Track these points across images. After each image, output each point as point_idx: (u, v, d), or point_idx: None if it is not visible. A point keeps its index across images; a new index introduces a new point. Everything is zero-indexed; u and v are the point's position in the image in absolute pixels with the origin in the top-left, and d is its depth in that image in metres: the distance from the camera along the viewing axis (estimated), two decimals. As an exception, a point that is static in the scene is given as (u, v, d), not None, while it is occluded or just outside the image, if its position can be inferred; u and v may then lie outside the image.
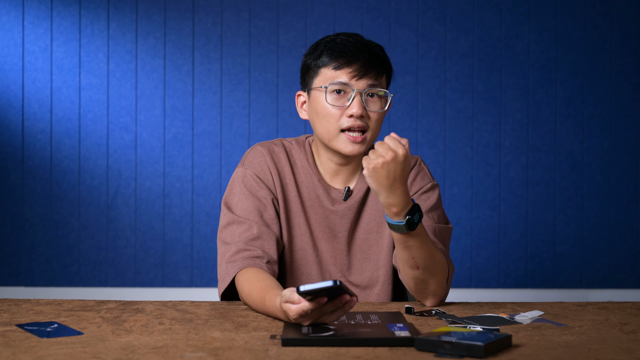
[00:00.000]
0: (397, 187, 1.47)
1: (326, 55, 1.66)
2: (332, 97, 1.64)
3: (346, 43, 1.65)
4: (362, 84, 1.64)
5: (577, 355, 1.17)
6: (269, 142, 1.77)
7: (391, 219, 1.50)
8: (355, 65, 1.64)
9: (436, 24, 3.64)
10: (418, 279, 1.56)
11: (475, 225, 3.63)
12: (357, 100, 1.63)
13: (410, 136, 3.63)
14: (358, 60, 1.64)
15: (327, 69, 1.65)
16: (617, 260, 3.65)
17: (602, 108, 3.65)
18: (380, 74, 1.67)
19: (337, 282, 1.24)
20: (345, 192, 1.72)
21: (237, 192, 1.70)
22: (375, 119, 1.65)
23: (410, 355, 1.17)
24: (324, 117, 1.65)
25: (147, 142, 3.62)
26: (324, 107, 1.65)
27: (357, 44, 1.66)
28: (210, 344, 1.23)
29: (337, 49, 1.65)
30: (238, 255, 1.61)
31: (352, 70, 1.63)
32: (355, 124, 1.63)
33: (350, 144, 1.65)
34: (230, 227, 1.66)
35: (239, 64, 3.64)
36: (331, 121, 1.65)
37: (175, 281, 3.62)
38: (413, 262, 1.53)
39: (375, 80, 1.65)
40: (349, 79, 1.64)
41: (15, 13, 3.59)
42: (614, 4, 3.64)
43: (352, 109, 1.63)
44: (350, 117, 1.63)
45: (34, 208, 3.60)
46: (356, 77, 1.63)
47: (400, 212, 1.48)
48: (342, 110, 1.64)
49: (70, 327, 1.35)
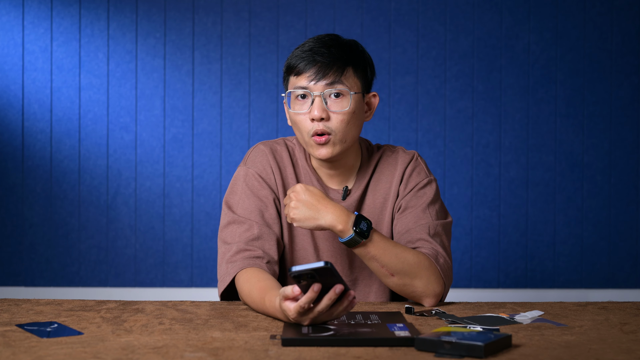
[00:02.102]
0: (322, 207, 1.52)
1: (290, 62, 1.66)
2: (297, 103, 1.64)
3: (309, 47, 1.64)
4: (320, 86, 1.62)
5: (577, 355, 1.17)
6: (272, 141, 1.77)
7: (342, 237, 1.53)
8: (313, 69, 1.62)
9: (436, 24, 3.64)
10: (399, 284, 1.56)
11: (475, 225, 3.63)
12: (315, 103, 1.61)
13: (410, 136, 3.63)
14: (315, 62, 1.62)
15: (291, 77, 1.66)
16: (617, 260, 3.65)
17: (602, 108, 3.65)
18: (341, 70, 1.63)
19: (327, 263, 1.24)
20: (343, 192, 1.72)
21: (238, 192, 1.70)
22: (339, 119, 1.62)
23: (410, 355, 1.17)
24: (294, 125, 1.66)
25: (147, 142, 3.62)
26: (292, 115, 1.66)
27: (317, 47, 1.64)
28: (210, 344, 1.23)
29: (299, 54, 1.64)
30: (238, 256, 1.61)
31: (310, 74, 1.62)
32: (318, 128, 1.62)
33: (317, 148, 1.64)
34: (231, 226, 1.66)
35: (239, 64, 3.64)
36: (301, 128, 1.64)
37: (175, 281, 3.62)
38: (385, 271, 1.55)
39: (334, 79, 1.62)
40: (307, 83, 1.62)
41: (15, 13, 3.59)
42: (614, 4, 3.64)
43: (312, 112, 1.61)
44: (313, 121, 1.62)
45: (34, 208, 3.60)
46: (314, 80, 1.62)
47: (345, 227, 1.51)
48: (307, 115, 1.63)
49: (70, 327, 1.35)
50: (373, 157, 1.76)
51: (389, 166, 1.75)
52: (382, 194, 1.73)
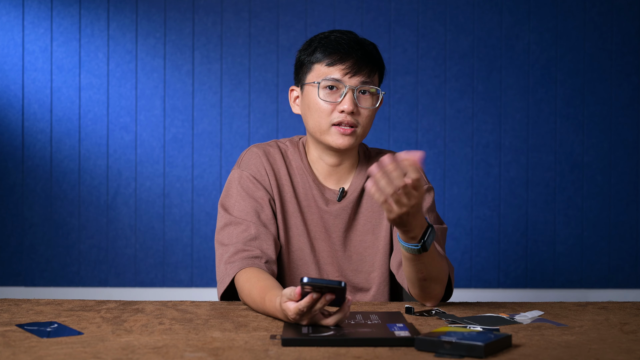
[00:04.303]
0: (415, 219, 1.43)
1: (320, 51, 1.68)
2: (325, 92, 1.66)
3: (340, 40, 1.67)
4: (355, 81, 1.66)
5: (577, 355, 1.17)
6: (264, 144, 1.78)
7: (406, 242, 1.47)
8: (348, 62, 1.66)
9: (436, 24, 3.64)
10: (422, 286, 1.56)
11: (475, 225, 3.63)
12: (348, 96, 1.65)
13: (410, 136, 3.63)
14: (351, 57, 1.66)
15: (320, 65, 1.67)
16: (617, 260, 3.65)
17: (602, 108, 3.65)
18: (373, 71, 1.69)
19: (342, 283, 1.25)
20: (339, 193, 1.72)
21: (233, 194, 1.70)
22: (366, 115, 1.67)
23: (410, 355, 1.17)
24: (316, 112, 1.67)
25: (147, 142, 3.62)
26: (316, 102, 1.67)
27: (350, 42, 1.68)
28: (210, 344, 1.23)
29: (331, 45, 1.67)
30: (237, 256, 1.61)
31: (345, 67, 1.66)
32: (345, 119, 1.65)
33: (340, 136, 1.66)
34: (228, 228, 1.66)
35: (239, 64, 3.64)
36: (322, 115, 1.67)
37: (175, 281, 3.62)
38: (421, 275, 1.53)
39: (367, 77, 1.67)
40: (341, 76, 1.66)
41: (15, 13, 3.59)
42: (614, 4, 3.64)
43: (343, 105, 1.65)
44: (342, 112, 1.65)
45: (34, 208, 3.60)
46: (349, 74, 1.66)
47: (416, 236, 1.46)
48: (334, 105, 1.66)
49: (70, 327, 1.35)
50: (372, 161, 1.77)
51: None
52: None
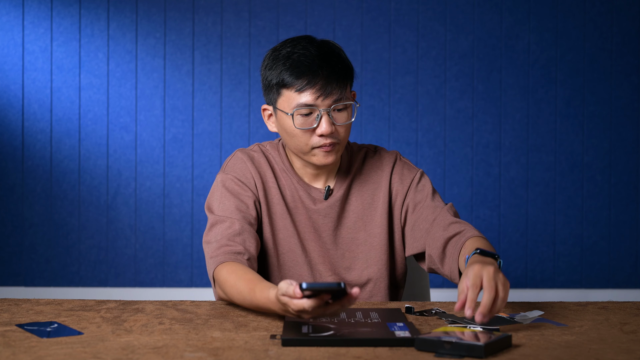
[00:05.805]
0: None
1: (286, 75, 1.62)
2: (300, 120, 1.61)
3: (303, 59, 1.61)
4: (328, 102, 1.60)
5: (577, 355, 1.17)
6: (248, 149, 1.77)
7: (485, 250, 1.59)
8: (318, 85, 1.59)
9: (436, 24, 3.64)
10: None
11: (475, 225, 3.63)
12: (324, 120, 1.60)
13: (410, 136, 3.63)
14: (319, 77, 1.59)
15: (289, 92, 1.61)
16: (617, 260, 3.65)
17: (602, 108, 3.65)
18: (344, 85, 1.62)
19: (341, 284, 1.25)
20: (325, 191, 1.72)
21: (217, 196, 1.70)
22: (343, 129, 1.64)
23: (410, 355, 1.17)
24: (294, 137, 1.64)
25: (147, 142, 3.62)
26: (293, 130, 1.63)
27: (314, 59, 1.61)
28: (210, 344, 1.23)
29: (296, 67, 1.60)
30: (220, 250, 1.61)
31: (316, 91, 1.59)
32: (326, 142, 1.62)
33: (323, 155, 1.64)
34: (214, 228, 1.66)
35: (239, 64, 3.64)
36: (302, 140, 1.63)
37: (175, 281, 3.62)
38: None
39: (339, 94, 1.61)
40: (313, 100, 1.60)
41: (15, 13, 3.59)
42: (614, 4, 3.64)
43: (320, 129, 1.60)
44: (321, 136, 1.61)
45: (34, 208, 3.60)
46: (321, 96, 1.60)
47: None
48: (311, 131, 1.62)
49: (70, 327, 1.35)
50: (355, 157, 1.77)
51: (374, 166, 1.76)
52: (369, 194, 1.74)
